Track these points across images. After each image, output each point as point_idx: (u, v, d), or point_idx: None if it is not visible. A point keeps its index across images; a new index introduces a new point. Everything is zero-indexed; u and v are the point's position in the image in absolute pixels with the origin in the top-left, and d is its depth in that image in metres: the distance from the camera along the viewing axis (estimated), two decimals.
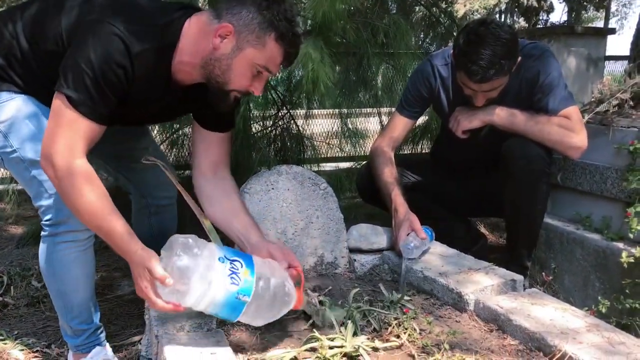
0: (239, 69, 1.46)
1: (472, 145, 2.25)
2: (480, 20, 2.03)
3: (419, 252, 1.93)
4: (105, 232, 1.40)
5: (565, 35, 6.05)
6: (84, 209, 1.39)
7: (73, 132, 1.38)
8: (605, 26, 7.09)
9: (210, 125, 1.71)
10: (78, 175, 1.37)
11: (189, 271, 1.28)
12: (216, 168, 1.72)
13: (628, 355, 1.32)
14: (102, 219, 1.38)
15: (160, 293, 1.33)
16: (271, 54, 1.46)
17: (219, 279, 1.30)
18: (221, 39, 1.44)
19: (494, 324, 1.58)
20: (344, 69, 3.40)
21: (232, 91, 1.51)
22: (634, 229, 2.10)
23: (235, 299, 1.31)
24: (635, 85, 2.33)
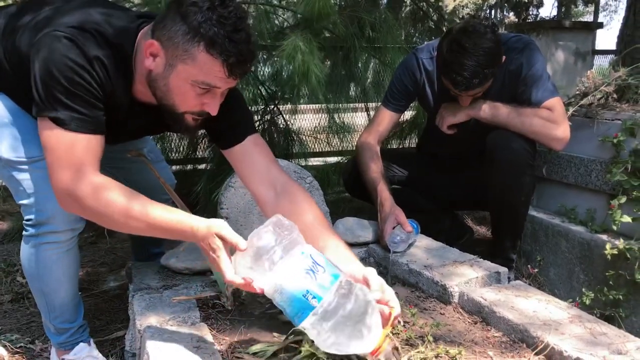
0: (177, 89, 1.31)
1: (458, 139, 2.26)
2: (462, 27, 2.02)
3: (405, 246, 1.94)
4: (157, 226, 1.25)
5: (553, 30, 6.09)
6: (120, 217, 1.25)
7: (76, 154, 1.26)
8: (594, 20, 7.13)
9: (224, 141, 1.54)
10: (100, 192, 1.25)
11: (266, 245, 1.16)
12: (270, 181, 1.49)
13: (609, 345, 1.32)
14: (146, 215, 1.24)
15: (237, 267, 1.20)
16: (207, 68, 1.25)
17: (292, 266, 1.16)
18: (153, 58, 1.31)
19: (478, 316, 1.59)
20: (331, 63, 3.39)
21: (185, 113, 1.35)
22: (617, 221, 2.12)
23: (303, 298, 1.14)
24: (619, 78, 2.34)
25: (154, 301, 1.56)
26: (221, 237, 1.20)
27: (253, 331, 1.48)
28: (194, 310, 1.51)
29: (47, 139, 1.28)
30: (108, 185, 1.26)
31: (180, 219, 1.24)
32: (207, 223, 1.22)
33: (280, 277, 1.16)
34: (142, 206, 1.25)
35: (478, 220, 3.18)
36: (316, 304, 1.14)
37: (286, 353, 1.35)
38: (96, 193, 1.25)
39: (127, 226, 1.27)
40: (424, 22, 4.40)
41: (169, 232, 1.26)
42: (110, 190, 1.25)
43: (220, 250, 1.20)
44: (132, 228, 1.27)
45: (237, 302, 1.64)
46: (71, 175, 1.25)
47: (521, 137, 2.07)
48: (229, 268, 1.19)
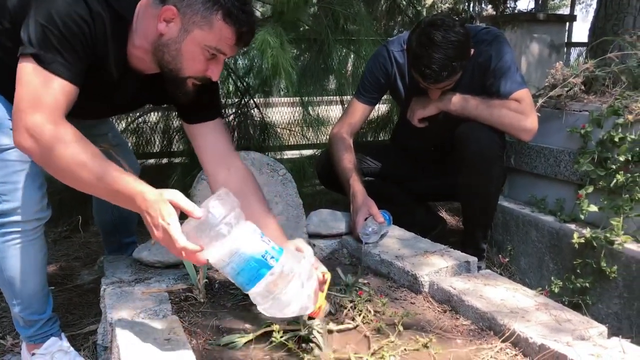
0: (189, 54, 1.38)
1: (429, 131, 2.28)
2: (431, 21, 2.05)
3: (377, 237, 1.96)
4: (107, 184, 1.24)
5: (528, 23, 6.14)
6: (78, 167, 1.24)
7: (49, 94, 1.27)
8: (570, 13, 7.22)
9: (193, 117, 1.60)
10: (67, 136, 1.25)
11: (222, 213, 1.17)
12: (226, 164, 1.58)
13: (573, 331, 1.36)
14: (98, 172, 1.23)
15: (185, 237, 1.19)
16: (221, 34, 1.36)
17: (248, 232, 1.20)
18: (166, 23, 1.36)
19: (448, 305, 1.61)
20: (306, 56, 3.40)
21: (188, 78, 1.42)
22: (585, 211, 2.16)
23: (262, 258, 1.19)
24: (586, 70, 2.38)
25: (126, 294, 1.56)
26: (175, 205, 1.19)
27: (225, 323, 1.49)
28: (166, 303, 1.51)
29: (24, 73, 1.28)
30: (71, 131, 1.27)
31: (132, 181, 1.24)
32: (159, 190, 1.22)
33: (239, 241, 1.18)
34: (97, 161, 1.25)
35: (451, 211, 3.22)
36: (274, 263, 1.19)
37: (257, 344, 1.36)
38: (57, 135, 1.24)
39: (76, 177, 1.26)
40: (402, 15, 4.42)
41: (116, 193, 1.24)
42: (72, 137, 1.26)
43: (172, 217, 1.18)
44: (80, 180, 1.26)
45: (209, 294, 1.64)
46: (37, 111, 1.25)
47: (490, 128, 2.10)
48: (181, 235, 1.17)
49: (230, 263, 1.19)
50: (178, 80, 1.43)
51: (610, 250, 2.07)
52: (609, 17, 3.70)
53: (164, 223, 1.18)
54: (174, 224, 1.17)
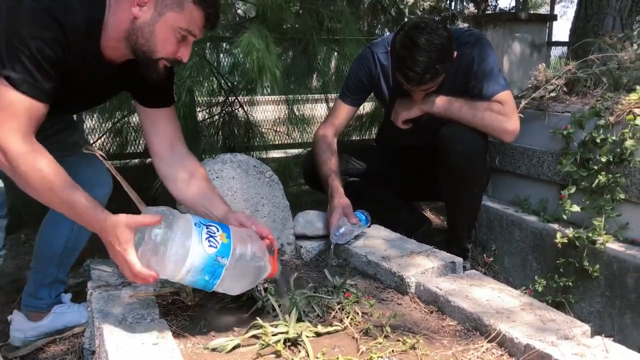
0: (162, 35, 1.47)
1: (413, 133, 2.30)
2: (415, 23, 2.07)
3: (350, 238, 1.96)
4: (67, 206, 1.35)
5: (509, 22, 6.18)
6: (41, 185, 1.33)
7: (17, 114, 1.34)
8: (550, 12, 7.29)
9: (150, 101, 1.70)
10: (30, 154, 1.33)
11: (167, 238, 1.27)
12: (171, 146, 1.71)
13: (557, 331, 1.38)
14: (61, 193, 1.34)
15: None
16: (191, 16, 1.47)
17: (196, 243, 1.30)
18: (139, 7, 1.45)
19: (434, 306, 1.63)
20: (291, 55, 3.40)
21: (160, 59, 1.51)
22: (567, 211, 2.19)
23: (214, 262, 1.31)
24: (569, 72, 2.41)
25: (113, 298, 1.55)
26: (133, 224, 1.28)
27: (213, 326, 1.48)
28: (153, 306, 1.50)
29: None
30: (40, 150, 1.35)
31: (96, 206, 1.34)
32: (117, 215, 1.30)
33: (189, 260, 1.28)
34: (64, 182, 1.34)
35: (436, 211, 3.25)
36: (226, 261, 1.32)
37: (245, 347, 1.37)
38: (27, 153, 1.32)
39: (43, 195, 1.35)
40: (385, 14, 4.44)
41: (78, 214, 1.35)
42: (41, 156, 1.34)
43: (128, 243, 1.28)
44: (46, 198, 1.36)
45: (197, 297, 1.64)
46: (7, 129, 1.32)
47: (473, 130, 2.13)
48: (137, 260, 1.28)
49: (186, 278, 1.32)
50: (151, 62, 1.51)
51: (592, 249, 2.10)
52: (589, 17, 3.75)
53: (120, 249, 1.28)
54: (131, 250, 1.28)
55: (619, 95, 2.23)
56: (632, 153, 2.05)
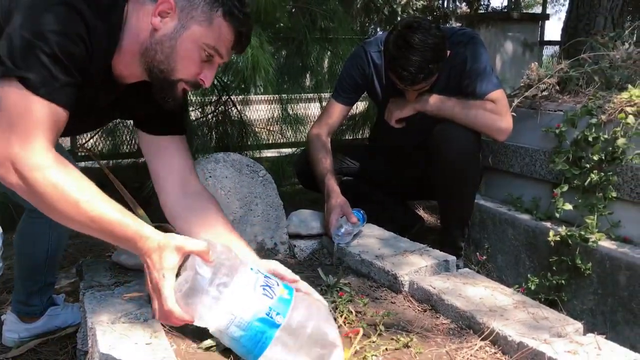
0: (184, 52, 1.27)
1: (407, 132, 2.31)
2: (408, 23, 2.07)
3: (350, 237, 1.97)
4: (99, 224, 1.10)
5: (502, 21, 6.22)
6: (65, 204, 1.09)
7: (35, 122, 1.11)
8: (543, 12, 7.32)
9: (157, 128, 1.48)
10: (51, 169, 1.09)
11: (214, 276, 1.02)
12: (184, 182, 1.48)
13: (550, 329, 1.38)
14: (91, 209, 1.09)
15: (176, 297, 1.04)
16: (220, 33, 1.28)
17: (248, 288, 1.03)
18: (161, 18, 1.26)
19: (428, 304, 1.63)
20: (284, 54, 3.40)
21: (179, 81, 1.31)
22: (560, 209, 2.20)
23: (267, 317, 1.02)
24: (561, 71, 2.42)
25: (105, 298, 1.54)
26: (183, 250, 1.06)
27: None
28: (147, 306, 1.49)
29: (5, 98, 1.11)
30: (64, 163, 1.12)
31: (135, 220, 1.11)
32: (168, 234, 1.09)
33: (235, 304, 1.02)
34: (93, 196, 1.11)
35: (429, 209, 3.25)
36: (281, 320, 1.03)
37: None
38: (46, 168, 1.09)
39: (68, 214, 1.10)
40: (378, 14, 4.44)
41: (112, 230, 1.11)
42: (65, 169, 1.11)
43: (170, 270, 1.06)
44: (72, 219, 1.11)
45: None
46: (22, 141, 1.09)
47: (466, 129, 2.14)
48: (171, 294, 1.05)
49: (227, 331, 1.03)
50: (167, 84, 1.31)
51: (584, 247, 2.11)
52: (581, 17, 3.76)
53: (158, 275, 1.06)
54: (170, 280, 1.05)
55: (611, 94, 2.25)
56: (624, 151, 2.06)
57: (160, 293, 1.06)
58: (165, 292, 1.05)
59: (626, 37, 2.67)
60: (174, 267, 1.06)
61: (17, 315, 1.87)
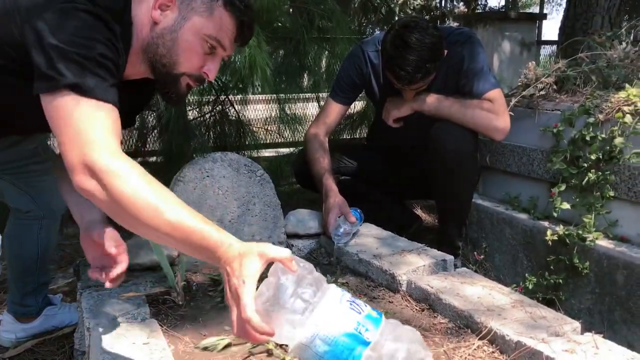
0: (186, 43, 1.26)
1: (405, 131, 2.31)
2: (405, 22, 2.07)
3: (349, 237, 1.97)
4: (179, 231, 1.03)
5: (499, 21, 6.22)
6: (145, 211, 1.02)
7: (103, 122, 1.08)
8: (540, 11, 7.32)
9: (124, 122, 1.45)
10: (131, 173, 1.04)
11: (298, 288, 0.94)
12: None
13: (548, 328, 1.38)
14: (170, 214, 1.02)
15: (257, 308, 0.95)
16: (221, 23, 1.27)
17: (334, 301, 0.95)
18: (161, 11, 1.26)
19: (425, 304, 1.63)
20: (282, 54, 3.40)
21: (183, 75, 1.30)
22: (557, 208, 2.20)
23: (354, 333, 0.93)
24: (558, 70, 2.42)
25: (103, 298, 1.54)
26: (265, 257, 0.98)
27: (204, 325, 1.48)
28: (144, 306, 1.50)
29: (64, 109, 1.07)
30: (136, 166, 1.06)
31: (214, 231, 1.04)
32: (249, 243, 1.02)
33: (321, 316, 0.93)
34: (171, 200, 1.05)
35: (427, 209, 3.25)
36: (370, 337, 0.94)
37: (237, 346, 1.36)
38: (125, 173, 1.03)
39: (145, 220, 1.03)
40: (375, 13, 4.45)
41: (188, 237, 1.03)
42: (138, 173, 1.05)
43: (252, 277, 0.97)
44: (150, 226, 1.04)
45: (188, 296, 1.63)
46: (97, 146, 1.04)
47: (464, 128, 2.14)
48: (251, 303, 0.95)
49: (311, 345, 0.94)
50: (171, 78, 1.30)
51: (582, 246, 2.11)
52: (578, 16, 3.78)
53: (237, 282, 0.97)
54: (250, 287, 0.96)
55: (608, 93, 2.25)
56: (621, 151, 2.06)
57: (239, 300, 0.97)
58: (244, 299, 0.96)
59: (623, 37, 2.68)
60: (256, 274, 0.98)
61: (13, 316, 1.87)
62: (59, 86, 1.08)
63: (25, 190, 1.73)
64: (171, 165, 2.60)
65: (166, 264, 1.58)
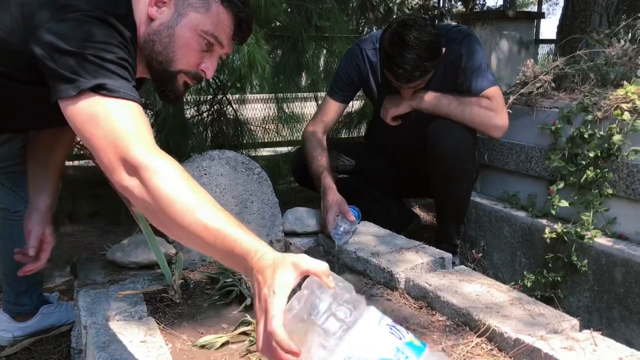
0: (183, 39, 1.25)
1: (403, 129, 2.30)
2: (403, 21, 2.07)
3: (349, 236, 1.96)
4: (214, 234, 0.97)
5: (497, 20, 6.22)
6: (183, 209, 0.97)
7: (135, 119, 1.06)
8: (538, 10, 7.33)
9: None
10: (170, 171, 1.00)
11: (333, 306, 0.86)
12: None
13: (546, 325, 1.38)
14: (208, 216, 0.97)
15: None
16: (218, 20, 1.25)
17: (373, 322, 0.87)
18: (157, 8, 1.25)
19: (424, 301, 1.63)
20: (280, 53, 3.39)
21: (180, 72, 1.29)
22: (556, 206, 2.20)
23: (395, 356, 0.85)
24: (556, 68, 2.42)
25: (100, 296, 1.53)
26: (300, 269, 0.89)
27: (201, 323, 1.47)
28: (141, 304, 1.49)
29: (91, 111, 1.05)
30: (176, 164, 1.03)
31: (249, 238, 0.96)
32: (283, 254, 0.94)
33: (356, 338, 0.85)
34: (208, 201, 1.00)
35: (426, 208, 3.25)
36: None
37: (234, 344, 1.36)
38: (165, 171, 1.00)
39: (182, 220, 0.98)
40: (374, 12, 4.45)
41: (223, 244, 0.97)
42: (177, 169, 1.01)
43: (284, 288, 0.88)
44: (183, 224, 0.98)
45: (185, 294, 1.63)
46: (134, 143, 1.02)
47: (462, 126, 2.13)
48: (280, 315, 0.85)
49: None
50: (167, 75, 1.29)
51: (580, 244, 2.11)
52: (577, 14, 3.78)
53: (268, 292, 0.88)
54: (280, 298, 0.86)
55: (607, 91, 2.25)
56: (619, 148, 2.06)
57: (267, 312, 0.86)
58: (272, 311, 0.85)
59: (622, 34, 2.68)
60: (289, 285, 0.88)
61: (9, 315, 1.86)
62: (82, 89, 1.05)
63: (14, 190, 1.72)
64: None
65: (164, 262, 1.57)
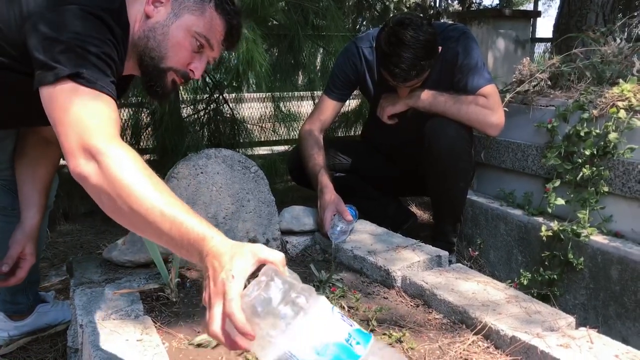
0: (176, 39, 1.31)
1: (399, 128, 2.31)
2: (399, 20, 2.07)
3: (346, 236, 1.96)
4: (170, 223, 0.96)
5: (494, 18, 6.23)
6: (141, 200, 0.98)
7: (104, 111, 1.08)
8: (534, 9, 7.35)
9: None
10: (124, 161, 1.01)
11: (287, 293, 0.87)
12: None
13: (542, 323, 1.38)
14: (166, 206, 0.97)
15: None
16: (212, 24, 1.33)
17: (326, 310, 0.89)
18: (155, 7, 1.31)
19: (420, 299, 1.63)
20: (277, 51, 3.39)
21: (170, 70, 1.34)
22: (552, 204, 2.20)
23: (344, 344, 0.87)
24: (552, 66, 2.42)
25: (96, 295, 1.53)
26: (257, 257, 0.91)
27: (197, 322, 1.47)
28: (137, 303, 1.49)
29: (63, 98, 1.07)
30: (134, 154, 1.04)
31: (202, 221, 0.97)
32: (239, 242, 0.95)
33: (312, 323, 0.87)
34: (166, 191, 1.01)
35: (422, 206, 3.25)
36: (362, 351, 0.88)
37: None
38: (122, 159, 1.01)
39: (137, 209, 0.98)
40: (370, 11, 4.45)
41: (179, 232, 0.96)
42: (137, 161, 1.03)
43: (242, 273, 0.88)
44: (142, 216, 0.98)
45: (182, 293, 1.63)
46: (96, 132, 1.03)
47: (458, 124, 2.13)
48: (238, 299, 0.86)
49: (296, 356, 0.86)
50: (157, 71, 1.33)
51: (577, 242, 2.12)
52: (573, 13, 3.79)
53: (225, 276, 0.88)
54: (239, 282, 0.87)
55: (603, 89, 2.25)
56: (615, 146, 2.07)
57: (225, 295, 0.87)
58: (231, 294, 0.86)
59: (617, 33, 2.68)
60: (247, 271, 0.89)
61: (4, 314, 1.85)
62: (59, 76, 1.08)
63: (10, 189, 1.72)
64: (165, 162, 2.59)
65: (160, 261, 1.57)
